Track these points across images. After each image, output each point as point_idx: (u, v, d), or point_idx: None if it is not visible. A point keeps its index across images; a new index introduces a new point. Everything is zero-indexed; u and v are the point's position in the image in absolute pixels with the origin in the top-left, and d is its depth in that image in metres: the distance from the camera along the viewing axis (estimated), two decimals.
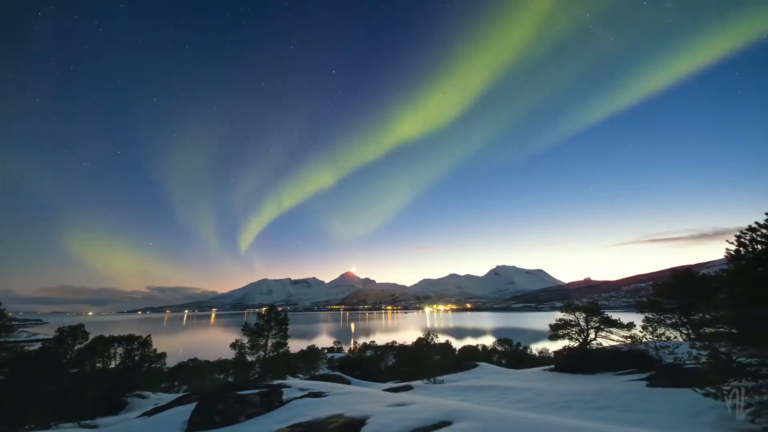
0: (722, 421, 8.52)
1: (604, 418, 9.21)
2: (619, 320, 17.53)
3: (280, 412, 7.22)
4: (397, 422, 5.54)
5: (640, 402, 10.19)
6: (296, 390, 8.98)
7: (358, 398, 7.59)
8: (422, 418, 5.59)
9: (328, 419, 6.13)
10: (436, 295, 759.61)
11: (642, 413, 9.38)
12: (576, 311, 18.78)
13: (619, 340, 17.18)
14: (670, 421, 8.89)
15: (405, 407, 6.38)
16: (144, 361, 22.70)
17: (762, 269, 8.92)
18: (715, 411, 8.84)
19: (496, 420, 5.20)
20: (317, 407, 7.07)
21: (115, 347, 22.25)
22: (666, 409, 9.44)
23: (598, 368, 15.18)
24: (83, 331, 20.51)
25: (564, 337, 18.73)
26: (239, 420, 7.03)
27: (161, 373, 24.92)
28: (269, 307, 21.75)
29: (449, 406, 6.17)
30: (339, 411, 6.47)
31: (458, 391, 13.97)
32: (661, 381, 11.01)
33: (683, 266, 21.74)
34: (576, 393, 11.49)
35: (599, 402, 10.48)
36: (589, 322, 18.35)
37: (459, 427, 5.10)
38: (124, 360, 22.18)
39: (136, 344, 22.81)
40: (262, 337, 20.72)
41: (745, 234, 9.33)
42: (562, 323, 19.12)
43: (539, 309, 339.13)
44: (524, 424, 5.00)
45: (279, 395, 7.93)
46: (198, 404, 7.51)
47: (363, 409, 6.43)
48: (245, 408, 7.21)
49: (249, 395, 7.51)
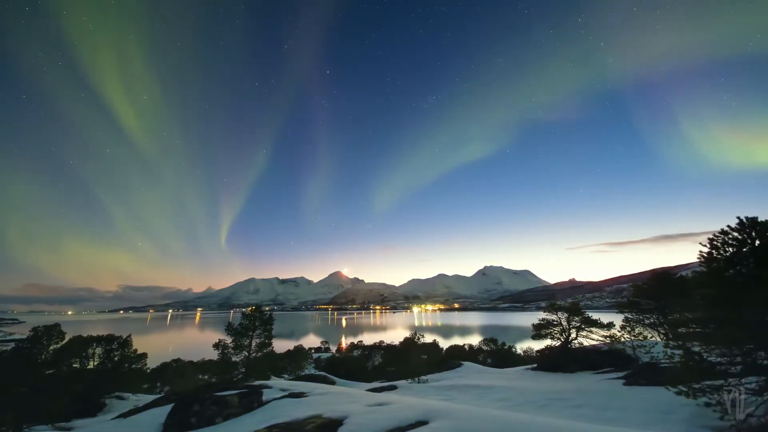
0: (694, 418, 8.80)
1: (581, 416, 9.40)
2: (599, 320, 17.94)
3: (258, 413, 7.14)
4: (374, 422, 5.55)
5: (616, 400, 10.43)
6: (277, 390, 8.89)
7: (339, 398, 7.56)
8: (399, 417, 5.61)
9: (307, 420, 6.09)
10: (424, 295, 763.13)
11: (618, 411, 9.61)
12: (558, 311, 19.13)
13: (599, 339, 17.58)
14: (645, 418, 9.14)
15: (383, 407, 6.39)
16: (124, 361, 22.11)
17: (732, 271, 9.23)
18: (687, 409, 9.12)
19: (471, 419, 5.25)
20: (297, 408, 7.02)
21: (93, 347, 21.63)
22: (641, 407, 9.69)
23: (578, 367, 15.50)
24: (59, 331, 19.90)
25: (546, 337, 19.05)
26: (216, 421, 6.92)
27: (142, 373, 24.32)
28: (254, 307, 21.52)
29: (427, 405, 6.20)
30: (318, 411, 6.44)
31: (441, 390, 14.06)
32: (637, 379, 11.30)
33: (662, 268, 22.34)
34: (555, 391, 11.69)
35: (577, 400, 10.69)
36: (570, 322, 18.72)
37: (435, 426, 5.13)
38: (103, 361, 21.57)
39: (115, 344, 22.21)
40: (246, 337, 20.48)
41: (717, 237, 9.64)
42: (544, 323, 19.44)
43: (525, 309, 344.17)
44: (499, 422, 5.06)
45: (258, 396, 7.84)
46: (174, 406, 7.36)
47: (342, 409, 6.41)
48: (223, 409, 7.10)
49: (227, 396, 7.40)
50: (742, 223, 9.33)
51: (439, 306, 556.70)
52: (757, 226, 9.12)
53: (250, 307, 22.56)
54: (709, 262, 9.67)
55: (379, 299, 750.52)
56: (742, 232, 9.29)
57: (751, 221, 9.24)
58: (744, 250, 9.23)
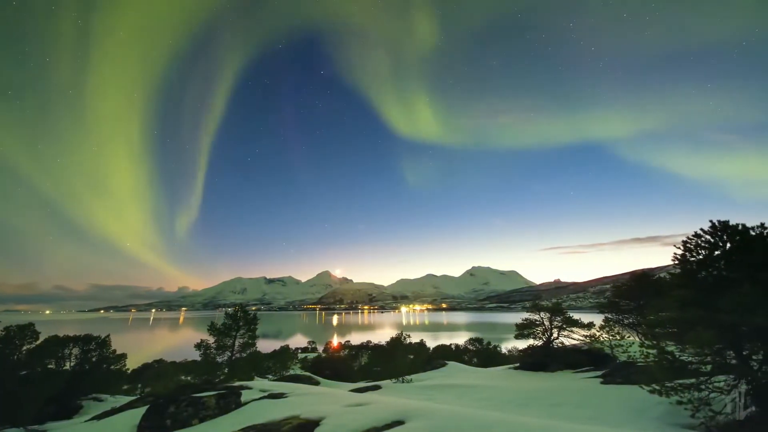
0: (666, 416, 9.07)
1: (558, 414, 9.58)
2: (579, 320, 18.30)
3: (235, 415, 7.05)
4: (351, 422, 5.54)
5: (593, 398, 10.67)
6: (257, 391, 8.79)
7: (318, 399, 7.53)
8: (376, 418, 5.61)
9: (284, 420, 6.05)
10: (413, 295, 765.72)
11: (594, 409, 9.83)
12: (541, 311, 19.44)
13: (579, 339, 17.94)
14: (620, 416, 9.37)
15: (362, 407, 6.39)
16: (102, 362, 21.49)
17: (704, 273, 9.54)
18: (660, 407, 9.39)
19: (446, 419, 5.29)
20: (275, 409, 6.96)
21: (69, 348, 20.94)
22: (616, 405, 9.94)
23: (558, 366, 15.81)
24: (33, 331, 19.21)
25: (529, 336, 19.32)
26: (192, 423, 6.80)
27: (122, 375, 23.69)
28: (237, 307, 21.23)
29: (404, 405, 6.23)
30: (296, 412, 6.39)
31: (424, 389, 14.14)
32: (614, 378, 11.58)
33: (642, 269, 22.92)
34: (535, 390, 11.89)
35: (556, 399, 10.89)
36: (552, 322, 19.04)
37: (410, 426, 5.16)
38: (80, 361, 20.93)
39: (93, 345, 21.57)
40: (229, 337, 20.18)
41: (691, 240, 9.95)
42: (527, 323, 19.71)
43: (511, 309, 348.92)
44: (473, 422, 5.11)
45: (237, 397, 7.73)
46: (149, 408, 7.20)
47: (320, 409, 6.38)
48: (199, 411, 6.98)
49: (204, 398, 7.27)
50: (714, 227, 9.64)
51: (427, 306, 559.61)
52: (728, 229, 9.44)
53: (236, 307, 22.26)
54: (683, 264, 9.99)
55: (367, 299, 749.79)
56: (714, 235, 9.61)
57: (722, 225, 9.56)
58: (716, 253, 9.56)
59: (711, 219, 9.78)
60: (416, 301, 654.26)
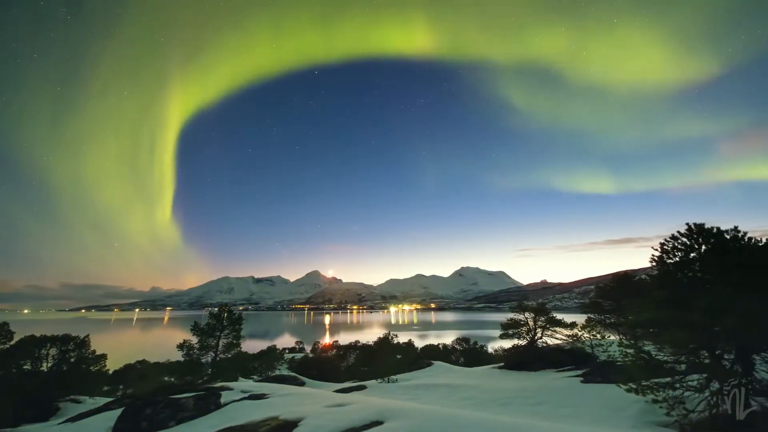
0: (642, 414, 9.29)
1: (539, 412, 9.73)
2: (563, 320, 18.64)
3: (214, 416, 6.95)
4: (330, 423, 5.52)
5: (573, 397, 10.87)
6: (238, 392, 8.69)
7: (299, 400, 7.48)
8: (356, 418, 5.61)
9: (262, 422, 5.99)
10: (402, 295, 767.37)
11: (573, 408, 10.01)
12: (525, 311, 19.73)
13: (562, 338, 18.27)
14: (598, 414, 9.57)
15: (342, 408, 6.37)
16: (81, 363, 20.95)
17: (680, 275, 9.81)
18: (637, 405, 9.60)
19: (426, 418, 5.32)
20: (254, 410, 6.89)
21: (47, 348, 20.35)
22: (595, 404, 10.14)
23: (541, 365, 16.07)
24: (7, 330, 18.66)
25: (514, 336, 19.58)
26: (169, 425, 6.68)
27: (102, 376, 23.11)
28: (221, 307, 20.95)
29: (385, 405, 6.23)
30: (275, 413, 6.34)
31: (409, 389, 14.19)
32: (593, 377, 11.81)
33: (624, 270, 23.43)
34: (518, 389, 12.05)
35: (537, 398, 11.06)
36: (536, 322, 19.33)
37: (389, 426, 5.17)
38: (58, 362, 20.35)
39: (72, 345, 21.00)
40: (213, 337, 19.89)
41: (668, 242, 10.22)
42: (512, 323, 19.97)
43: (499, 309, 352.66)
44: (452, 421, 5.15)
45: (216, 398, 7.62)
46: (125, 409, 7.04)
47: (300, 410, 6.34)
48: (177, 412, 6.85)
49: (182, 399, 7.15)
50: (690, 230, 9.92)
51: (416, 306, 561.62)
52: (704, 232, 9.72)
53: (222, 307, 21.96)
54: (660, 266, 10.26)
55: (356, 299, 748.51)
56: (690, 237, 9.89)
57: (698, 227, 9.84)
58: (692, 255, 9.84)
59: (687, 222, 10.08)
60: (405, 301, 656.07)
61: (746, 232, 9.30)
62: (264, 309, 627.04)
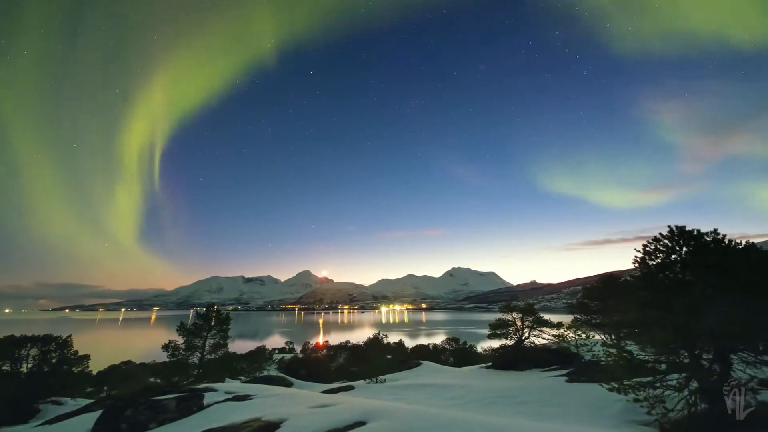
0: (624, 413, 9.45)
1: (524, 412, 9.83)
2: (549, 320, 18.87)
3: (196, 418, 6.85)
4: (312, 424, 5.49)
5: (558, 396, 11.01)
6: (222, 393, 8.58)
7: (283, 401, 7.42)
8: (339, 419, 5.58)
9: (244, 423, 5.93)
10: (393, 295, 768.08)
11: (558, 407, 10.14)
12: (513, 312, 19.91)
13: (549, 338, 18.49)
14: (581, 413, 9.70)
15: (326, 409, 6.34)
16: (63, 363, 20.43)
17: (662, 276, 10.01)
18: (619, 404, 9.76)
19: (409, 419, 5.32)
20: (237, 411, 6.81)
21: (27, 348, 19.79)
22: (579, 403, 10.28)
23: (528, 365, 16.25)
24: None
25: (502, 336, 19.74)
26: (149, 427, 6.56)
27: (85, 376, 22.58)
28: (208, 306, 20.68)
29: (369, 406, 6.22)
30: (257, 414, 6.28)
31: (397, 389, 14.21)
32: (578, 376, 11.98)
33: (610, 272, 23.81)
34: (504, 389, 12.15)
35: (523, 397, 11.17)
36: (524, 322, 19.53)
37: (372, 426, 5.16)
38: (39, 363, 19.82)
39: (53, 345, 20.47)
40: (199, 338, 19.61)
41: (651, 244, 10.42)
42: (500, 323, 20.13)
43: (489, 309, 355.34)
44: (434, 421, 5.16)
45: (199, 399, 7.51)
46: (103, 411, 6.89)
47: (283, 411, 6.29)
48: (158, 414, 6.73)
49: (164, 400, 7.03)
50: (672, 232, 10.13)
51: (407, 306, 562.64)
52: (685, 234, 9.94)
53: (211, 306, 21.68)
54: (643, 267, 10.47)
55: (347, 299, 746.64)
56: (672, 239, 10.10)
57: (679, 230, 10.06)
58: (673, 257, 10.05)
59: (669, 224, 10.30)
60: (397, 301, 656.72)
61: (725, 235, 9.54)
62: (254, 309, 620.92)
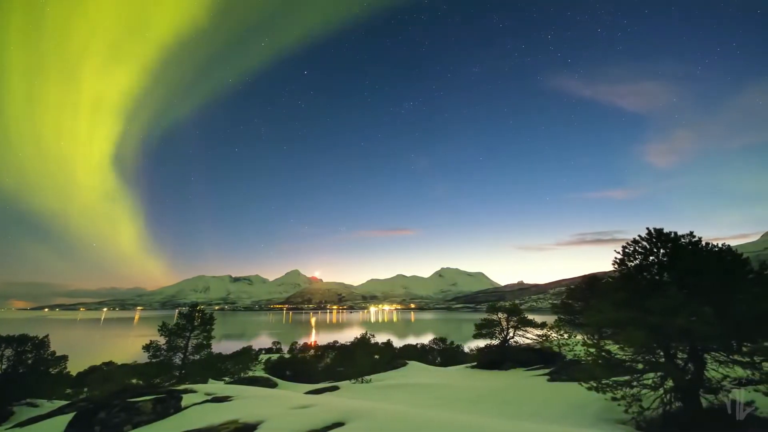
0: (603, 412, 9.64)
1: (506, 411, 9.95)
2: (533, 320, 19.17)
3: (172, 420, 6.72)
4: (290, 425, 5.44)
5: (539, 395, 11.19)
6: (201, 395, 8.43)
7: (263, 402, 7.34)
8: (318, 420, 5.54)
9: (221, 425, 5.83)
10: (382, 295, 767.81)
11: (539, 405, 10.30)
12: (498, 312, 20.16)
13: (533, 338, 18.78)
14: (561, 411, 9.86)
15: (305, 410, 6.29)
16: (39, 364, 19.78)
17: (639, 277, 10.27)
18: (599, 403, 9.95)
19: (388, 419, 5.33)
20: (215, 413, 6.70)
21: (2, 349, 19.12)
22: (559, 402, 10.46)
23: (512, 364, 16.47)
24: None
25: (487, 336, 19.98)
26: (124, 429, 6.39)
27: (63, 378, 21.91)
28: (191, 306, 20.33)
29: (349, 406, 6.20)
30: (235, 416, 6.19)
31: (382, 389, 14.21)
32: (559, 376, 12.18)
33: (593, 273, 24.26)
34: (487, 388, 12.28)
35: (505, 396, 11.31)
36: (509, 322, 19.79)
37: (350, 427, 5.14)
38: (14, 364, 19.14)
39: (29, 345, 19.81)
40: (181, 338, 19.26)
41: (630, 246, 10.69)
42: (486, 323, 20.38)
43: (477, 309, 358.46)
44: (413, 422, 5.17)
45: (177, 401, 7.36)
46: (76, 413, 6.69)
47: (262, 413, 6.22)
48: (133, 416, 6.57)
49: (139, 402, 6.86)
50: (650, 234, 10.42)
51: (396, 306, 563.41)
52: (662, 237, 10.23)
53: (198, 306, 21.32)
54: (622, 268, 10.73)
55: (336, 299, 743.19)
56: (650, 241, 10.38)
57: (657, 232, 10.35)
58: (651, 259, 10.33)
59: (647, 227, 10.57)
60: (386, 302, 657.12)
61: (701, 238, 9.85)
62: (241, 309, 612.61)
